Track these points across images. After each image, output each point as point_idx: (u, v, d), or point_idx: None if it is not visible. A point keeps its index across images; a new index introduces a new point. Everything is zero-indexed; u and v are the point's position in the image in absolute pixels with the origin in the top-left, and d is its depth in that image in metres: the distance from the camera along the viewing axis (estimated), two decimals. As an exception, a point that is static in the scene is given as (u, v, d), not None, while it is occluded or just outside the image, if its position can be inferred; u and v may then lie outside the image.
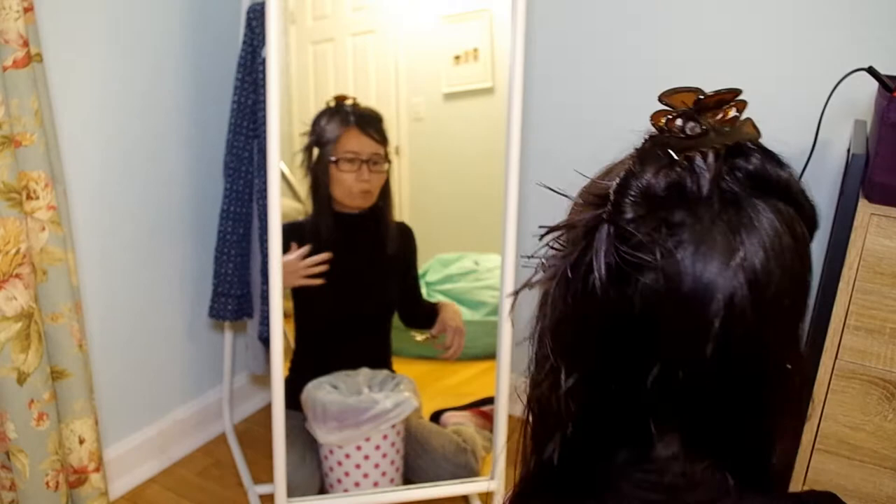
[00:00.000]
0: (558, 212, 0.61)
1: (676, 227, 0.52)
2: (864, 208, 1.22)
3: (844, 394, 1.30)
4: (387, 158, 1.74)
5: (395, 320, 1.86)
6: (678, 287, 0.52)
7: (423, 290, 1.96)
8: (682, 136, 0.54)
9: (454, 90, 1.78)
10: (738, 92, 0.55)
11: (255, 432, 2.11)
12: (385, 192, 1.75)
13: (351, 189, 1.71)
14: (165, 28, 1.73)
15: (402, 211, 1.81)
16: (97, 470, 1.56)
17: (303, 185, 1.74)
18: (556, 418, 0.58)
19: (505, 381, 1.70)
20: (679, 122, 0.55)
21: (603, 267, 0.53)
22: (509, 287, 1.66)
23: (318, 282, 1.70)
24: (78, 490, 1.55)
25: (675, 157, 0.53)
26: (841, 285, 1.25)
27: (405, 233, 1.81)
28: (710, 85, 0.57)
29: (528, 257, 0.60)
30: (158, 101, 1.75)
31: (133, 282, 1.80)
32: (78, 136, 1.59)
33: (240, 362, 2.12)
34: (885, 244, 1.22)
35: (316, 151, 1.71)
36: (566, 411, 0.58)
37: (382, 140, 1.72)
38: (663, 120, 0.55)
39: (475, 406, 1.88)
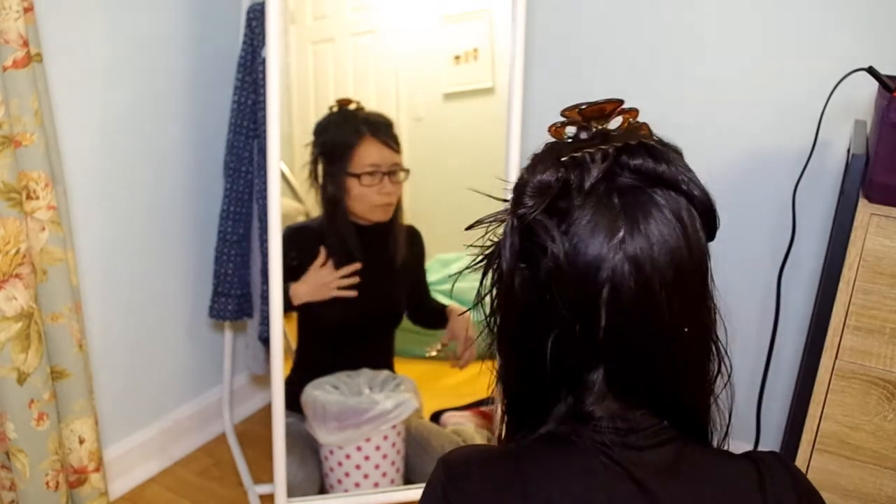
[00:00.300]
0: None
1: (565, 214, 0.63)
2: (864, 208, 1.22)
3: (844, 394, 1.30)
4: (403, 168, 1.69)
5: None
6: (571, 263, 0.62)
7: (424, 291, 1.96)
8: (570, 140, 0.66)
9: (454, 90, 1.78)
10: (618, 102, 0.67)
11: (255, 432, 2.11)
12: (399, 202, 1.73)
13: (373, 203, 1.66)
14: (165, 28, 1.73)
15: (402, 211, 1.81)
16: (97, 470, 1.56)
17: (308, 194, 1.71)
18: (502, 370, 0.73)
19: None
20: (569, 129, 0.68)
21: (508, 251, 0.65)
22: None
23: (351, 293, 1.66)
24: (78, 490, 1.55)
25: (562, 158, 0.64)
26: (841, 285, 1.25)
27: (414, 236, 1.80)
28: (710, 85, 0.58)
29: (468, 246, 0.71)
30: (158, 101, 1.75)
31: (133, 282, 1.80)
32: (78, 136, 1.59)
33: (240, 362, 2.12)
34: (885, 244, 1.22)
35: (321, 161, 1.68)
36: (505, 363, 0.72)
37: (398, 148, 1.68)
38: (553, 129, 0.68)
39: (475, 406, 1.88)
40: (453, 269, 1.90)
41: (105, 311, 1.74)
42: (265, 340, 1.81)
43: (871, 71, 1.27)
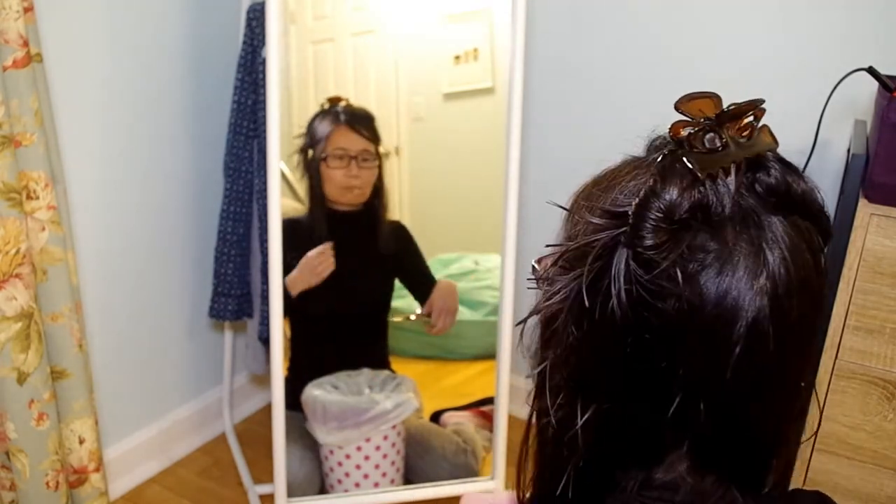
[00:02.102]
0: (558, 213, 0.60)
1: (699, 251, 0.50)
2: (864, 208, 1.22)
3: (844, 394, 1.30)
4: (377, 156, 1.74)
5: (395, 320, 1.86)
6: (700, 312, 0.50)
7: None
8: (704, 150, 0.51)
9: (454, 90, 1.78)
10: (760, 102, 0.53)
11: (255, 432, 2.11)
12: (379, 191, 1.76)
13: (340, 185, 1.71)
14: (165, 28, 1.73)
15: (402, 211, 1.81)
16: (97, 470, 1.56)
17: (301, 186, 1.74)
18: (569, 449, 0.56)
19: (505, 381, 1.70)
20: (701, 135, 0.52)
21: (623, 293, 0.50)
22: (509, 287, 1.65)
23: (328, 272, 1.70)
24: (78, 490, 1.55)
25: (700, 175, 0.50)
26: (841, 285, 1.25)
27: (399, 231, 1.81)
28: (710, 85, 0.57)
29: (535, 279, 0.57)
30: (158, 101, 1.75)
31: (133, 282, 1.80)
32: (78, 136, 1.59)
33: (240, 362, 2.12)
34: (885, 244, 1.22)
35: (310, 153, 1.72)
36: (582, 442, 0.55)
37: (373, 138, 1.73)
38: (683, 132, 0.51)
39: (475, 406, 1.88)
40: (453, 270, 1.90)
41: (105, 311, 1.74)
42: (265, 340, 1.81)
43: (871, 71, 1.27)
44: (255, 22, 1.67)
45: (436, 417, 1.87)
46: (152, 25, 1.70)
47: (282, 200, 1.55)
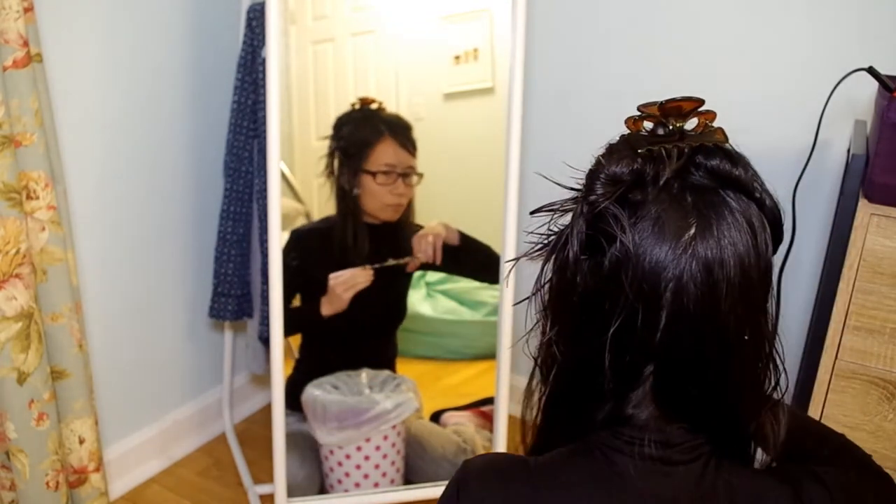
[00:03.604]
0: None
1: (636, 206, 0.62)
2: (864, 208, 1.22)
3: (844, 394, 1.30)
4: (417, 172, 1.71)
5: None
6: (638, 256, 0.60)
7: (423, 291, 1.96)
8: (646, 134, 0.65)
9: (454, 90, 1.78)
10: (697, 100, 0.64)
11: (255, 432, 2.11)
12: (410, 204, 1.73)
13: (384, 202, 1.68)
14: (165, 28, 1.73)
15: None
16: (97, 470, 1.56)
17: (322, 189, 1.71)
18: (545, 367, 0.69)
19: (505, 381, 1.70)
20: (647, 124, 0.66)
21: (576, 238, 0.62)
22: (509, 287, 1.65)
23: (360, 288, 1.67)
24: (78, 490, 1.55)
25: (638, 150, 0.62)
26: (841, 285, 1.25)
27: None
28: (710, 85, 0.59)
29: (528, 232, 0.68)
30: (158, 101, 1.75)
31: (133, 281, 1.80)
32: (78, 136, 1.59)
33: (240, 362, 2.12)
34: (885, 244, 1.22)
35: (340, 157, 1.68)
36: (551, 360, 0.68)
37: (414, 151, 1.69)
38: (631, 122, 0.67)
39: (475, 406, 1.88)
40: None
41: (105, 311, 1.74)
42: (265, 340, 1.81)
43: (871, 71, 1.27)
44: (255, 22, 1.67)
45: (436, 417, 1.87)
46: (152, 26, 1.70)
47: (282, 200, 1.55)
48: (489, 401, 1.79)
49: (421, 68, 1.76)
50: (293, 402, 1.71)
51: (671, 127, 0.64)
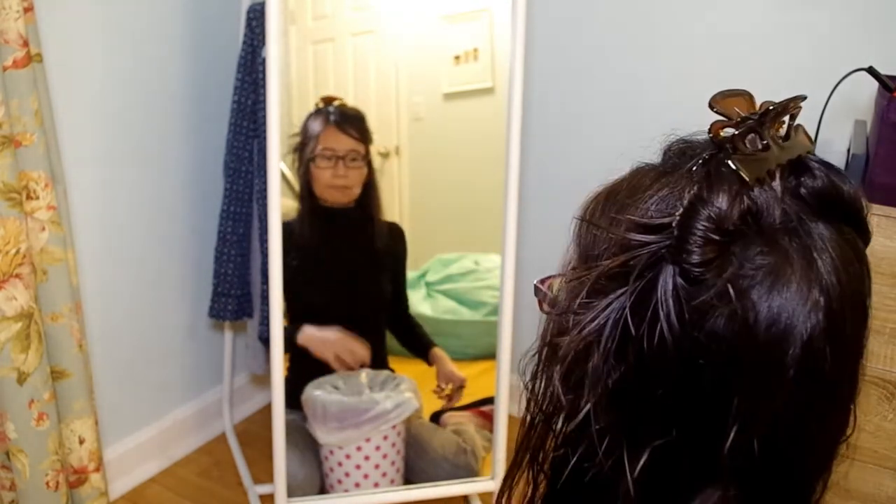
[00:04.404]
0: (558, 213, 0.59)
1: (750, 264, 0.45)
2: (864, 208, 1.22)
3: (844, 394, 1.30)
4: (366, 156, 1.75)
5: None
6: (754, 331, 0.45)
7: (423, 291, 1.96)
8: (748, 152, 0.46)
9: (454, 90, 1.78)
10: (803, 98, 0.49)
11: (255, 432, 2.11)
12: (370, 189, 1.76)
13: (328, 184, 1.73)
14: (165, 28, 1.73)
15: (402, 211, 1.81)
16: (97, 470, 1.56)
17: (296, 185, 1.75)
18: (619, 496, 0.49)
19: (505, 381, 1.70)
20: (744, 135, 0.47)
21: (674, 315, 0.45)
22: (509, 287, 1.65)
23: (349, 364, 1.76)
24: (78, 490, 1.55)
25: (748, 179, 0.45)
26: (841, 285, 1.25)
27: (396, 233, 1.81)
28: (710, 85, 0.56)
29: (559, 314, 0.50)
30: (158, 102, 1.75)
31: (133, 282, 1.80)
32: (78, 136, 1.59)
33: (240, 362, 2.12)
34: (885, 244, 1.22)
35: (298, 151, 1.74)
36: (634, 490, 0.48)
37: (362, 138, 1.74)
38: (724, 133, 0.46)
39: (475, 406, 1.87)
40: (453, 270, 1.90)
41: (105, 311, 1.74)
42: (265, 340, 1.80)
43: (871, 71, 1.27)
44: (255, 22, 1.67)
45: (436, 417, 1.87)
46: (152, 26, 1.70)
47: (282, 200, 1.55)
48: (489, 401, 1.78)
49: (421, 68, 1.76)
50: (291, 399, 1.71)
51: (765, 139, 0.47)
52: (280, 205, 1.53)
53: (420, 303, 1.93)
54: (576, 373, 0.49)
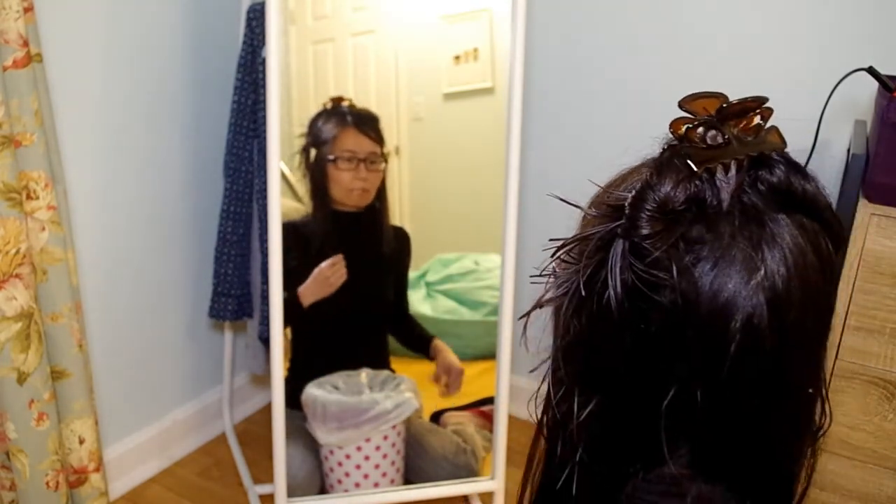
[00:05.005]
0: (558, 213, 0.60)
1: (694, 243, 0.50)
2: (864, 208, 1.22)
3: (844, 394, 1.30)
4: (384, 158, 1.74)
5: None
6: (695, 306, 0.50)
7: (423, 291, 1.96)
8: (703, 146, 0.51)
9: (454, 90, 1.78)
10: (764, 100, 0.53)
11: (255, 432, 2.11)
12: (381, 193, 1.76)
13: (348, 187, 1.71)
14: (165, 28, 1.73)
15: (402, 211, 1.81)
16: (97, 470, 1.56)
17: (301, 186, 1.75)
18: (571, 442, 0.56)
19: (505, 381, 1.70)
20: (700, 130, 0.52)
21: (619, 284, 0.50)
22: (509, 287, 1.65)
23: (341, 282, 1.72)
24: (78, 490, 1.55)
25: (696, 168, 0.50)
26: (841, 285, 1.25)
27: (402, 237, 1.81)
28: (710, 85, 0.57)
29: (540, 274, 0.56)
30: (158, 101, 1.75)
31: (133, 281, 1.80)
32: (78, 136, 1.59)
33: (240, 362, 2.12)
34: (885, 244, 1.22)
35: (313, 152, 1.72)
36: (581, 435, 0.55)
37: (379, 139, 1.73)
38: (683, 128, 0.52)
39: (475, 406, 1.87)
40: (453, 270, 1.90)
41: (105, 311, 1.74)
42: (265, 340, 1.81)
43: (871, 71, 1.27)
44: (255, 22, 1.67)
45: (436, 417, 1.87)
46: (152, 25, 1.70)
47: (282, 200, 1.55)
48: (489, 401, 1.79)
49: (421, 68, 1.76)
50: (291, 400, 1.71)
51: (727, 134, 0.52)
52: (280, 205, 1.53)
53: (420, 303, 1.93)
54: (552, 328, 0.57)
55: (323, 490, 1.77)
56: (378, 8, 1.75)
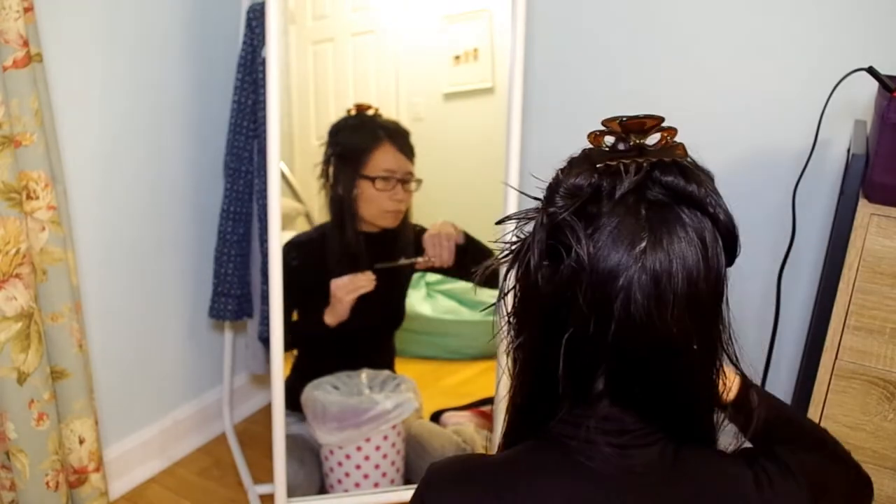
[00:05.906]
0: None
1: (593, 218, 0.65)
2: (864, 208, 1.22)
3: (844, 394, 1.30)
4: (416, 177, 1.69)
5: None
6: (592, 266, 0.64)
7: (423, 291, 1.96)
8: (606, 149, 0.68)
9: (454, 90, 1.78)
10: (659, 119, 0.67)
11: (255, 432, 2.11)
12: (407, 213, 1.72)
13: (384, 208, 1.65)
14: (165, 28, 1.73)
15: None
16: (97, 470, 1.56)
17: (319, 196, 1.69)
18: (512, 370, 0.76)
19: (505, 381, 1.70)
20: (607, 139, 0.69)
21: (536, 247, 0.66)
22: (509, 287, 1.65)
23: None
24: (78, 490, 1.55)
25: (597, 164, 0.66)
26: (841, 285, 1.25)
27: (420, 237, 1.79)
28: (710, 85, 0.58)
29: (495, 241, 0.72)
30: (158, 101, 1.75)
31: (133, 281, 1.80)
32: (78, 136, 1.59)
33: (240, 362, 2.12)
34: (885, 244, 1.22)
35: (335, 163, 1.66)
36: (516, 363, 0.75)
37: (413, 157, 1.68)
38: (592, 137, 0.70)
39: (475, 406, 1.88)
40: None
41: (105, 311, 1.74)
42: (265, 340, 1.81)
43: (871, 71, 1.27)
44: (255, 22, 1.67)
45: (436, 417, 1.87)
46: (152, 25, 1.70)
47: (282, 200, 1.55)
48: (489, 401, 1.79)
49: (421, 68, 1.76)
50: (292, 402, 1.71)
51: (631, 143, 0.67)
52: (280, 205, 1.53)
53: (420, 303, 1.93)
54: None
55: (323, 490, 1.77)
56: (378, 8, 1.75)
